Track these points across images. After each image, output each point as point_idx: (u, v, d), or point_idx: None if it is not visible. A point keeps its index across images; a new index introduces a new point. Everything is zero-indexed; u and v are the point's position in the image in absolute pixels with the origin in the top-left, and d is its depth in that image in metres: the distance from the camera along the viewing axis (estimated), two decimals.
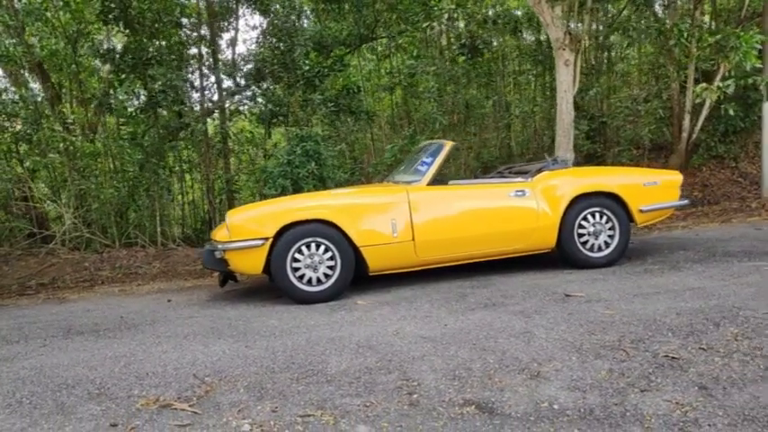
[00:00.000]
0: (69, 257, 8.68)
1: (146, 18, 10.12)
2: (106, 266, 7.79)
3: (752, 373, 2.13)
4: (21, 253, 8.97)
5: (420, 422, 1.96)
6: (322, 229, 3.90)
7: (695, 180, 10.92)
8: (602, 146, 11.65)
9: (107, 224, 9.46)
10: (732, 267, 3.96)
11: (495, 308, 3.38)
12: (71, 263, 8.32)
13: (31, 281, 6.73)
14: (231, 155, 12.73)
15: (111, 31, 11.18)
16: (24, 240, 9.49)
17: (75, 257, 8.65)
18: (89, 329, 3.65)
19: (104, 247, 9.08)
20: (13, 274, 7.70)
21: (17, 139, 10.35)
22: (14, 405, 2.37)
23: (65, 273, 7.61)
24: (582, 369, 2.31)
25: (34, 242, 9.45)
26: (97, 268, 7.76)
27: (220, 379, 2.51)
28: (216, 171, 11.80)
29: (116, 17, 9.32)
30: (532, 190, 4.25)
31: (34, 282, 6.58)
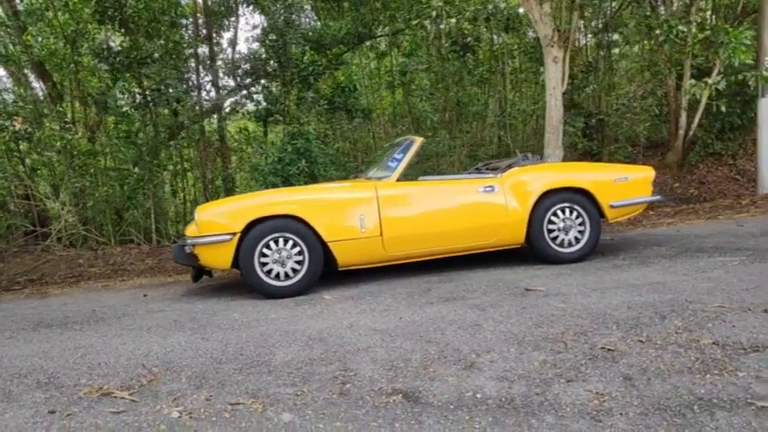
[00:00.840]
0: (64, 254, 8.80)
1: (141, 18, 10.22)
2: (99, 263, 7.89)
3: (681, 365, 2.14)
4: (17, 250, 9.11)
5: (344, 410, 1.99)
6: (290, 225, 3.94)
7: (692, 177, 10.86)
8: (599, 143, 11.61)
9: (103, 221, 9.58)
10: (699, 263, 3.96)
11: (454, 301, 3.40)
12: (66, 260, 8.44)
13: (21, 277, 6.83)
14: (230, 153, 12.83)
15: (108, 31, 11.29)
16: (22, 238, 9.63)
17: (70, 254, 8.77)
18: (59, 322, 3.72)
19: (99, 245, 9.19)
20: (7, 270, 7.82)
21: (17, 138, 10.48)
22: None
23: (58, 269, 7.72)
24: (516, 360, 2.33)
25: (32, 239, 9.58)
26: (90, 265, 7.86)
27: (167, 369, 2.56)
28: (213, 169, 11.90)
29: (111, 17, 9.41)
30: (501, 186, 4.26)
31: (23, 278, 6.68)
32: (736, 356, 2.17)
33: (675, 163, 11.01)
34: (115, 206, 9.70)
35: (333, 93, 11.28)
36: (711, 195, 10.08)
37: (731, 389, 1.90)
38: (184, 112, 10.57)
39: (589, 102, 12.92)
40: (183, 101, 10.45)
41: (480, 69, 10.87)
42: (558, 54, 7.93)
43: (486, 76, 10.94)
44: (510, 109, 10.86)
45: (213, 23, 12.49)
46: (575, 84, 12.13)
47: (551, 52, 7.94)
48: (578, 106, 12.27)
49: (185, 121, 10.39)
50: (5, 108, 10.62)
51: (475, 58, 10.59)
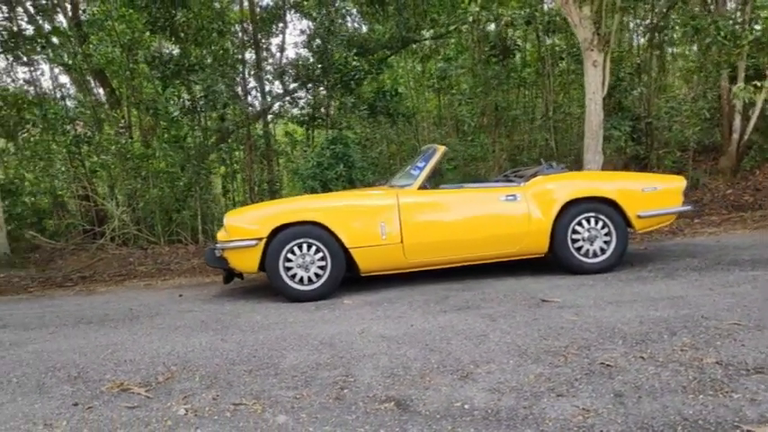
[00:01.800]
0: (117, 253, 9.30)
1: (190, 27, 10.66)
2: (148, 261, 8.30)
3: (676, 384, 2.12)
4: (75, 248, 9.69)
5: (336, 415, 2.08)
6: (313, 231, 4.08)
7: (747, 184, 10.41)
8: (647, 148, 11.26)
9: (154, 222, 10.04)
10: (728, 276, 3.84)
11: (468, 310, 3.44)
12: (118, 258, 8.91)
13: (75, 274, 7.27)
14: (276, 156, 13.17)
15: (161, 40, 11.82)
16: (80, 236, 10.23)
17: (122, 253, 9.26)
18: (97, 320, 3.98)
19: (150, 244, 9.64)
20: (65, 267, 8.34)
21: (77, 142, 11.12)
22: (5, 384, 2.67)
23: (110, 267, 8.17)
24: (513, 372, 2.36)
25: (89, 238, 10.16)
26: (140, 263, 8.27)
27: (184, 368, 2.73)
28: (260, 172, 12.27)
29: (162, 26, 9.85)
30: (524, 194, 4.26)
31: (77, 275, 7.10)
32: (736, 377, 2.13)
33: (729, 168, 10.58)
34: (165, 207, 10.14)
35: (374, 97, 11.43)
36: (767, 203, 9.64)
37: (721, 411, 1.88)
38: (232, 117, 10.95)
39: (638, 104, 12.56)
40: (229, 106, 10.83)
41: (521, 73, 10.77)
42: (598, 58, 7.78)
43: (528, 79, 10.83)
44: (554, 112, 10.69)
45: (261, 30, 12.87)
46: (622, 86, 11.83)
47: (591, 56, 7.80)
48: (626, 109, 11.96)
49: (230, 126, 10.77)
50: (67, 113, 11.29)
51: (515, 62, 10.50)
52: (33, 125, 11.18)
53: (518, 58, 9.68)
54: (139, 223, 10.00)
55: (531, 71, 10.66)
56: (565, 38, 10.58)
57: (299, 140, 12.99)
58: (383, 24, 12.38)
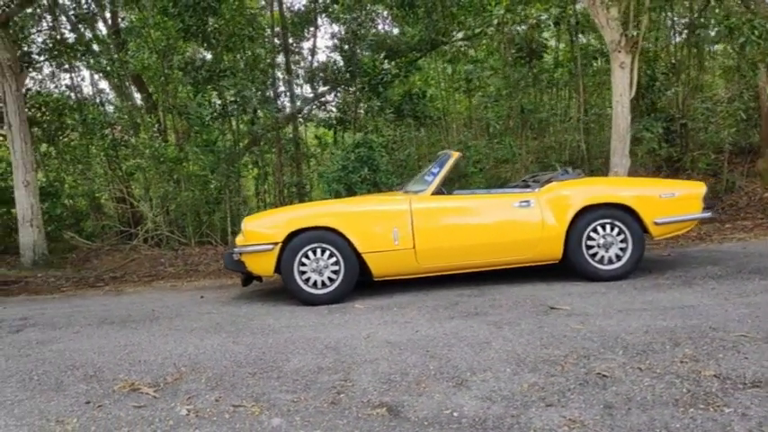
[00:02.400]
0: (149, 254, 9.60)
1: (222, 33, 10.93)
2: (179, 263, 8.54)
3: (669, 396, 2.11)
4: (109, 248, 10.05)
5: (328, 419, 2.15)
6: (327, 236, 4.16)
7: None
8: (682, 149, 10.98)
9: (185, 224, 10.32)
10: (747, 286, 3.75)
11: (475, 317, 3.46)
12: (149, 259, 9.20)
13: (107, 274, 7.54)
14: (304, 159, 13.36)
15: (195, 46, 12.12)
16: (115, 237, 10.59)
17: (154, 254, 9.55)
18: (120, 320, 4.15)
19: (181, 245, 9.92)
20: (99, 267, 8.66)
21: (115, 145, 11.53)
22: (26, 380, 2.83)
23: (142, 268, 8.45)
24: (508, 381, 2.38)
25: (124, 239, 10.51)
26: (171, 264, 8.53)
27: (193, 369, 2.84)
28: (290, 174, 12.47)
29: (194, 33, 10.12)
30: (537, 200, 4.24)
31: (108, 275, 7.38)
32: (732, 391, 2.11)
33: (767, 171, 10.24)
34: (196, 209, 10.41)
35: (401, 100, 11.48)
36: None
37: (709, 425, 1.87)
38: (263, 121, 11.16)
39: (672, 105, 12.26)
40: (259, 111, 11.06)
41: (554, 74, 10.64)
42: (626, 60, 7.65)
43: (559, 80, 10.70)
44: (586, 113, 10.53)
45: (292, 34, 13.08)
46: (656, 86, 11.58)
47: (618, 58, 7.67)
48: (660, 110, 11.69)
49: (259, 130, 10.98)
50: (105, 118, 11.71)
51: (543, 64, 10.39)
52: (73, 130, 11.65)
53: (549, 58, 9.56)
54: (171, 225, 10.30)
55: (563, 71, 10.52)
56: (598, 37, 10.42)
57: (327, 144, 13.14)
58: (413, 27, 12.43)
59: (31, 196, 7.73)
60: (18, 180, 7.69)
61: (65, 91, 12.50)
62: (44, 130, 11.14)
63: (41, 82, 12.69)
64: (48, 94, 12.24)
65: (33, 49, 11.48)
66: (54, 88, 12.75)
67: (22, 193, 7.67)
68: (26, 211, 7.68)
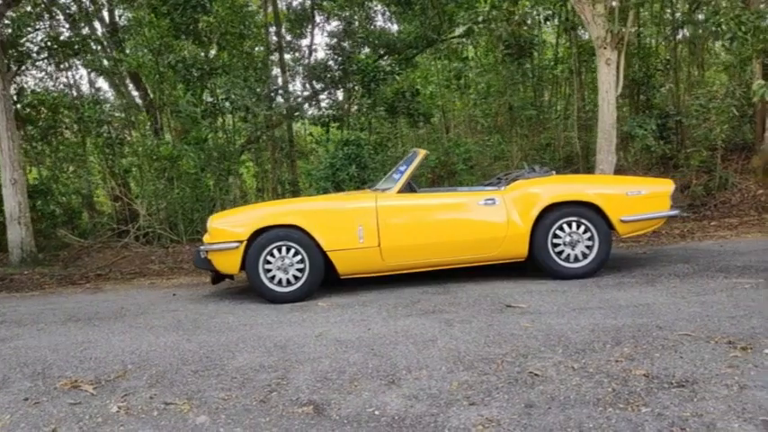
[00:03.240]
0: (140, 251, 9.64)
1: (213, 32, 10.94)
2: (169, 260, 8.57)
3: (593, 396, 2.10)
4: (101, 246, 10.09)
5: (252, 417, 2.15)
6: (292, 234, 4.16)
7: None
8: (676, 146, 10.89)
9: (176, 221, 10.36)
10: (709, 284, 3.72)
11: (431, 315, 3.46)
12: (140, 256, 9.24)
13: (93, 272, 7.59)
14: (300, 157, 13.38)
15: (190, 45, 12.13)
16: (107, 235, 10.64)
17: (144, 251, 9.59)
18: (86, 317, 4.18)
19: (172, 243, 9.95)
20: (90, 264, 8.71)
21: (110, 143, 11.59)
22: None
23: (132, 265, 8.49)
24: (440, 379, 2.38)
25: (116, 236, 10.56)
26: (161, 261, 8.55)
27: (139, 367, 2.85)
28: (286, 172, 12.49)
29: (185, 32, 10.15)
30: (503, 198, 4.23)
31: (94, 273, 7.42)
32: (656, 390, 2.09)
33: (761, 168, 10.16)
34: (187, 207, 10.45)
35: (393, 98, 11.46)
36: None
37: (621, 425, 1.86)
38: (256, 119, 11.19)
39: (669, 101, 12.18)
40: (251, 109, 11.08)
41: (540, 72, 10.60)
42: (612, 56, 7.61)
43: (555, 77, 10.65)
44: (579, 110, 10.46)
45: (289, 31, 13.08)
46: (651, 83, 11.50)
47: (604, 54, 7.63)
48: (655, 107, 11.61)
49: (251, 128, 11.01)
50: (101, 116, 11.77)
51: (540, 61, 10.35)
52: (67, 128, 11.72)
53: (541, 55, 9.52)
54: (163, 223, 10.34)
55: (563, 68, 10.45)
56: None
57: (320, 141, 13.16)
58: (409, 23, 12.40)
59: (19, 194, 7.79)
60: (5, 178, 7.75)
61: (63, 89, 12.58)
62: (39, 129, 11.22)
63: (41, 80, 12.79)
64: (44, 92, 12.32)
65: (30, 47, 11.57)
66: (52, 86, 12.83)
67: (9, 192, 7.73)
68: (14, 210, 7.74)
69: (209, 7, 10.14)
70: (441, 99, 12.13)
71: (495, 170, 9.81)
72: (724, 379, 2.14)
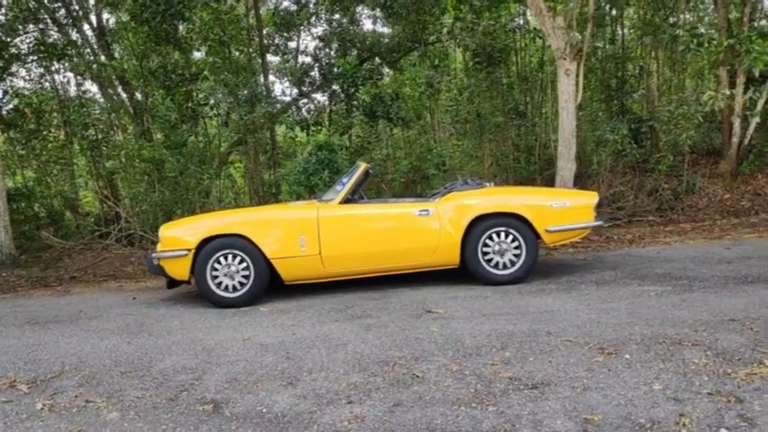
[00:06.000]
0: (120, 253, 9.91)
1: (193, 39, 11.22)
2: (147, 262, 8.83)
3: (456, 395, 2.37)
4: (82, 247, 10.36)
5: (158, 413, 2.43)
6: (237, 242, 4.44)
7: (747, 188, 10.29)
8: (648, 151, 11.14)
9: (155, 224, 10.61)
10: (619, 291, 4.00)
11: (356, 320, 3.73)
12: (120, 257, 9.51)
13: (68, 274, 7.85)
14: (281, 160, 13.65)
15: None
16: (89, 236, 10.90)
17: (125, 253, 9.86)
18: (45, 320, 4.45)
19: (152, 245, 10.20)
20: (69, 266, 8.98)
21: (96, 145, 11.85)
22: None
23: (112, 266, 8.76)
24: (334, 380, 2.65)
25: (99, 237, 10.82)
26: (140, 263, 8.82)
27: (75, 368, 3.13)
28: (267, 174, 12.76)
29: (165, 38, 10.40)
30: (436, 209, 4.50)
31: (68, 276, 7.69)
32: (512, 391, 2.37)
33: (728, 173, 10.46)
34: (167, 210, 10.72)
35: (372, 102, 11.72)
36: (765, 208, 9.51)
37: (465, 422, 2.13)
38: (235, 123, 11.45)
39: (642, 107, 12.45)
40: (231, 114, 11.37)
41: (517, 77, 10.88)
42: (571, 67, 7.89)
43: (533, 81, 10.91)
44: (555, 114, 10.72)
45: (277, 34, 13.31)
46: (625, 88, 11.78)
47: (564, 65, 7.91)
48: (629, 112, 11.89)
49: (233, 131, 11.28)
50: (87, 119, 12.02)
51: (508, 68, 10.61)
52: (52, 130, 11.99)
53: (523, 60, 9.78)
54: (144, 225, 10.61)
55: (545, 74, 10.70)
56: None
57: (299, 144, 13.44)
58: (393, 28, 12.66)
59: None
60: None
61: (49, 92, 12.83)
62: (23, 132, 11.48)
63: (28, 82, 13.05)
64: (30, 95, 12.58)
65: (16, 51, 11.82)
66: (38, 89, 13.08)
67: None
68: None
69: (189, 15, 10.38)
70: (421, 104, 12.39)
71: (464, 175, 10.09)
72: (574, 382, 2.41)
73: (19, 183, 11.34)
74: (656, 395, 2.22)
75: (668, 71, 12.28)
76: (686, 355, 2.62)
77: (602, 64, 11.44)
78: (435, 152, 9.69)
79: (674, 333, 2.95)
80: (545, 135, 10.90)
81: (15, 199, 10.21)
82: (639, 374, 2.43)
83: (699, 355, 2.61)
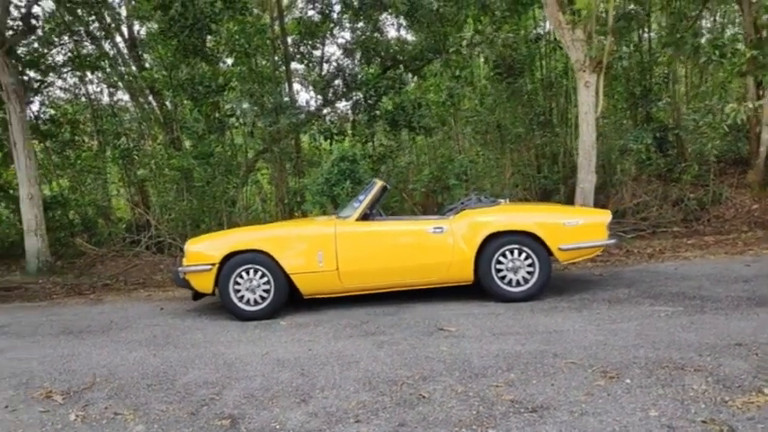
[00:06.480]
0: (150, 260, 10.26)
1: (221, 51, 11.53)
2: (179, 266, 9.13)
3: (458, 417, 2.49)
4: (114, 254, 10.74)
5: (179, 427, 2.61)
6: (258, 258, 4.62)
7: None
8: (673, 160, 11.01)
9: (183, 232, 10.95)
10: (630, 311, 4.05)
11: (370, 336, 3.87)
12: (150, 264, 9.86)
13: (101, 282, 8.18)
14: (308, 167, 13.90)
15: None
16: (120, 244, 11.29)
17: (154, 260, 10.21)
18: (78, 330, 4.71)
19: (180, 252, 10.52)
20: (104, 272, 9.35)
21: (127, 154, 12.26)
22: None
23: (142, 273, 9.10)
24: (344, 399, 2.80)
25: (130, 245, 11.20)
26: (168, 270, 9.12)
27: (105, 379, 3.34)
28: (286, 184, 13.02)
29: (193, 51, 10.73)
30: (450, 227, 4.61)
31: (100, 283, 8.01)
32: (511, 414, 2.48)
33: (756, 183, 10.32)
34: (194, 218, 11.04)
35: (394, 111, 11.88)
36: None
37: None
38: (261, 133, 11.74)
39: (668, 114, 12.31)
40: (257, 124, 11.67)
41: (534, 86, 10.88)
42: (590, 79, 7.91)
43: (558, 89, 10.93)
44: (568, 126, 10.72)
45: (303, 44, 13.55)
46: (649, 96, 11.69)
47: (583, 77, 7.94)
48: (655, 120, 11.78)
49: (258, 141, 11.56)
50: (119, 128, 12.45)
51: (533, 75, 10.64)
52: (84, 141, 12.45)
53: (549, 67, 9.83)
54: (173, 232, 10.95)
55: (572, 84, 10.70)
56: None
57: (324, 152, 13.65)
58: (417, 35, 12.79)
59: (35, 208, 8.44)
60: (23, 194, 8.41)
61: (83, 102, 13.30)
62: (58, 143, 11.95)
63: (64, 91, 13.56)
64: (65, 107, 13.09)
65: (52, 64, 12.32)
66: (73, 99, 13.57)
67: (26, 206, 8.39)
68: (30, 222, 8.40)
69: (215, 28, 10.69)
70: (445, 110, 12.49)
71: (485, 185, 10.16)
72: (573, 406, 2.51)
73: (55, 191, 11.79)
74: (650, 422, 2.30)
75: (696, 78, 12.14)
76: (687, 380, 2.69)
77: (627, 72, 11.36)
78: (456, 162, 9.78)
79: (678, 357, 3.01)
80: (570, 142, 10.90)
81: (51, 207, 10.63)
82: (638, 400, 2.51)
83: (699, 381, 2.68)
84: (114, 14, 12.96)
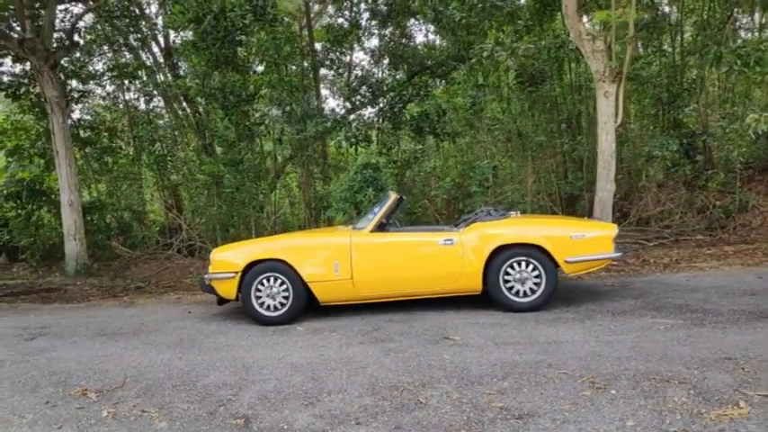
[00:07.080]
0: (181, 263, 10.72)
1: (251, 62, 11.94)
2: (204, 272, 9.55)
3: (449, 421, 2.71)
4: (147, 257, 11.24)
5: (198, 425, 2.89)
6: (277, 267, 4.91)
7: None
8: (700, 167, 10.94)
9: (213, 236, 11.38)
10: (633, 323, 4.19)
11: (379, 343, 4.11)
12: (181, 267, 10.31)
13: (134, 284, 8.62)
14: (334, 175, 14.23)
15: None
16: (153, 247, 11.79)
17: (185, 263, 10.66)
18: (112, 332, 5.07)
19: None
20: (138, 274, 9.82)
21: (161, 160, 12.78)
22: (15, 383, 3.74)
23: (174, 276, 9.55)
24: (348, 402, 3.04)
25: (161, 248, 11.70)
26: (199, 272, 9.54)
27: (135, 379, 3.66)
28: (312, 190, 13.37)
29: (225, 62, 11.15)
30: (460, 239, 4.82)
31: (134, 285, 8.44)
32: (498, 421, 2.68)
33: None
34: (224, 222, 11.45)
35: (418, 119, 12.12)
36: None
37: None
38: (289, 139, 12.10)
39: (696, 120, 12.20)
40: (286, 131, 12.05)
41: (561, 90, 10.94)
42: (610, 89, 8.00)
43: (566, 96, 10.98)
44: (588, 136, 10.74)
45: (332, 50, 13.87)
46: (676, 102, 11.62)
47: (603, 87, 8.04)
48: (683, 126, 11.69)
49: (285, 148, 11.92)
50: (152, 135, 12.98)
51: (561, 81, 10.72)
52: (121, 147, 13.03)
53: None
54: (203, 236, 11.40)
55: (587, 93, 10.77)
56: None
57: (350, 156, 13.96)
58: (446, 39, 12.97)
59: (75, 213, 8.95)
60: (64, 200, 8.92)
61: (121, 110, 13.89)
62: (97, 150, 12.54)
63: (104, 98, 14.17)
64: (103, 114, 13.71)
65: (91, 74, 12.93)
66: (113, 105, 14.17)
67: (66, 212, 8.90)
68: (70, 227, 8.90)
69: (246, 40, 11.09)
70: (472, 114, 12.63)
71: (506, 192, 10.29)
72: (557, 414, 2.69)
73: (93, 196, 12.37)
74: (626, 431, 2.47)
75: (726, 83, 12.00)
76: (669, 392, 2.84)
77: (654, 77, 11.30)
78: (478, 170, 9.93)
79: (666, 370, 3.16)
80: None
81: (89, 211, 11.18)
82: (618, 410, 2.68)
83: (681, 393, 2.83)
84: (151, 25, 13.53)
